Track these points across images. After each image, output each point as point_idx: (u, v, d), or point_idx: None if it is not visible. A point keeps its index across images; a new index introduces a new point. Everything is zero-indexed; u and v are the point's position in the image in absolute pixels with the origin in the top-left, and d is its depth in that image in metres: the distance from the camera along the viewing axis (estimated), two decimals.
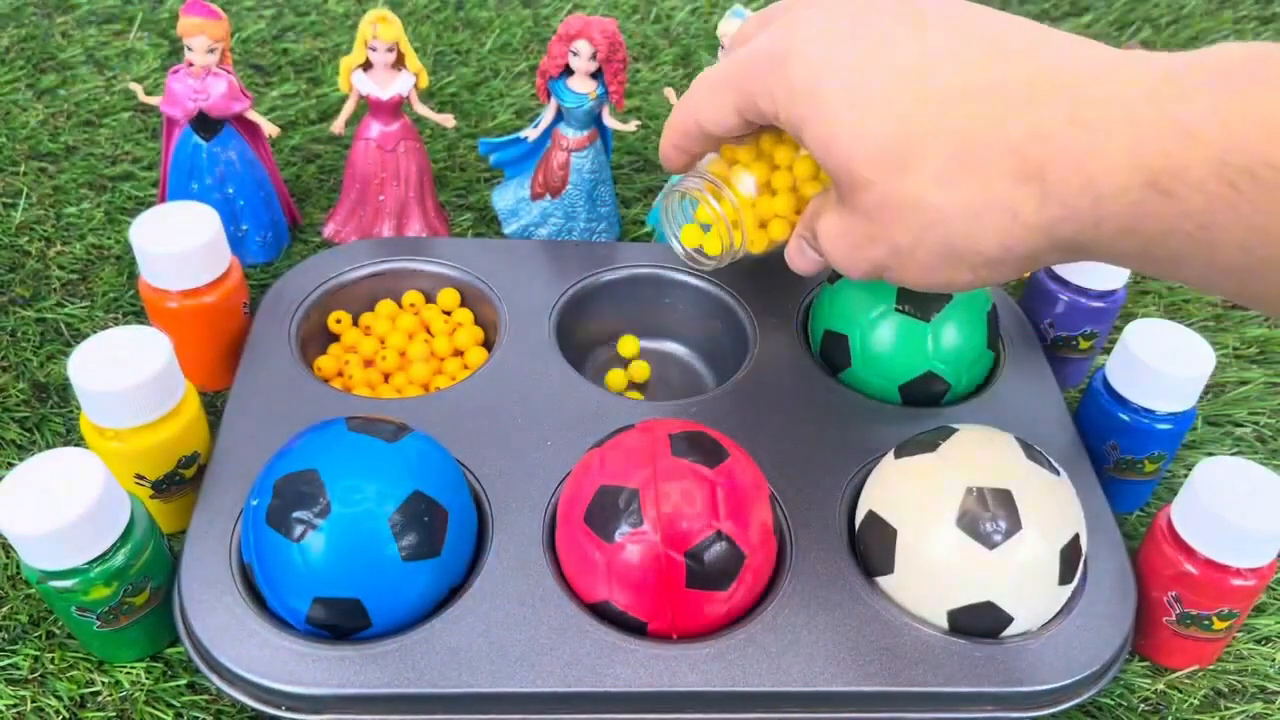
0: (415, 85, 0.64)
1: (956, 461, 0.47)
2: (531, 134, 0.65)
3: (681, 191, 0.49)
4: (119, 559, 0.44)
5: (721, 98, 0.40)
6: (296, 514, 0.43)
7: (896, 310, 0.56)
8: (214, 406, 0.59)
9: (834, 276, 0.60)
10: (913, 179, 0.34)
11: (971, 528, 0.45)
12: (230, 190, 0.65)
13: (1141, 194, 0.30)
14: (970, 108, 0.33)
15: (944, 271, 0.36)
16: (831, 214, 0.39)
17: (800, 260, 0.44)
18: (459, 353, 0.62)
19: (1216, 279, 0.32)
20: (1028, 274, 0.63)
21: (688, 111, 0.42)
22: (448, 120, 0.66)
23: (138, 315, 0.64)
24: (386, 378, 0.61)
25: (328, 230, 0.70)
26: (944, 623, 0.47)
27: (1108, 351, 0.65)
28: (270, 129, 0.65)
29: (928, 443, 0.49)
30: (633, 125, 0.66)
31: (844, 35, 0.36)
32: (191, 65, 0.62)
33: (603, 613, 0.46)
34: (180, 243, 0.54)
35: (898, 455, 0.50)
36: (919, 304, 0.56)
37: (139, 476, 0.50)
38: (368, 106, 0.65)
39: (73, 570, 0.43)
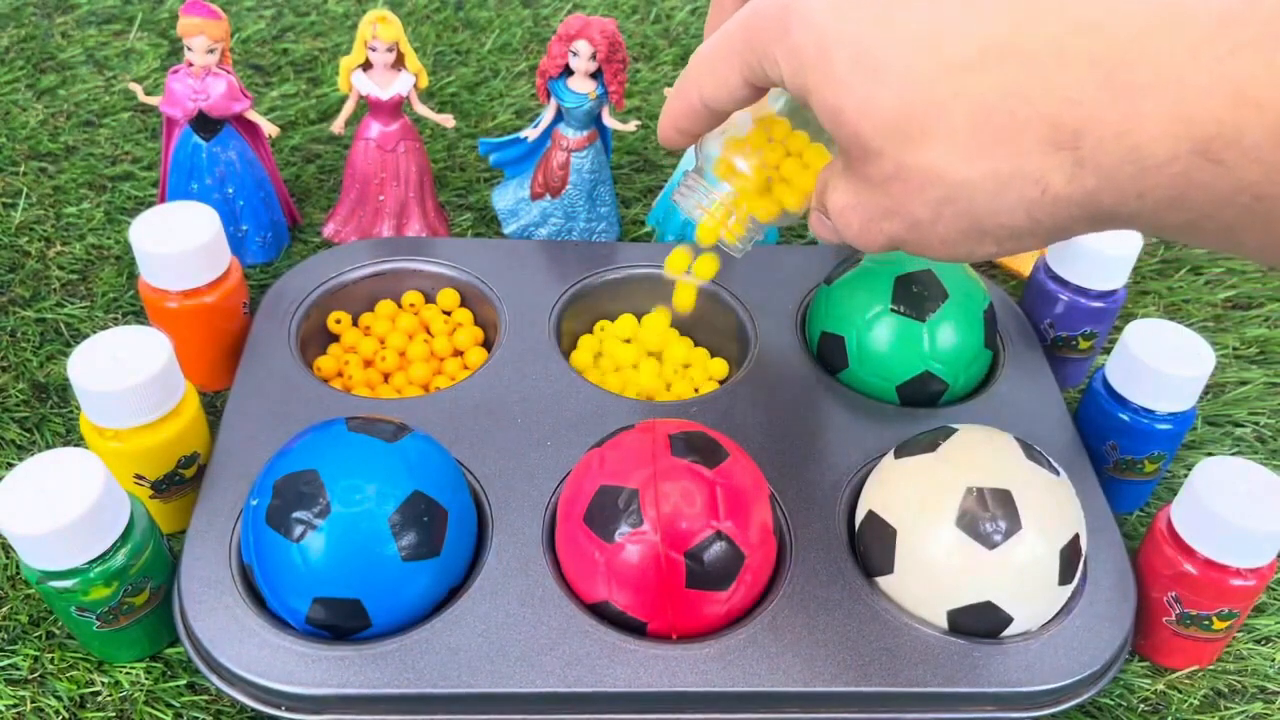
0: (415, 85, 0.64)
1: (956, 461, 0.47)
2: (531, 134, 0.65)
3: (687, 206, 0.47)
4: (119, 559, 0.44)
5: (727, 70, 0.37)
6: (296, 514, 0.43)
7: (892, 311, 0.56)
8: (214, 406, 0.59)
9: (831, 277, 0.60)
10: (930, 150, 0.32)
11: (971, 528, 0.45)
12: (230, 190, 0.65)
13: (1189, 163, 0.28)
14: (993, 71, 0.30)
15: (966, 244, 0.34)
16: (841, 185, 0.36)
17: (823, 230, 0.41)
18: (459, 353, 0.62)
19: (1273, 252, 0.29)
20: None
21: (690, 89, 0.39)
22: (448, 120, 0.66)
23: (138, 315, 0.64)
24: (386, 378, 0.61)
25: (328, 230, 0.70)
26: (944, 623, 0.47)
27: (1108, 351, 0.65)
28: (270, 129, 0.65)
29: (927, 443, 0.49)
30: (633, 125, 0.66)
31: None
32: (191, 65, 0.62)
33: (603, 613, 0.46)
34: (180, 243, 0.54)
35: (898, 455, 0.50)
36: (914, 304, 0.56)
37: (139, 476, 0.50)
38: (368, 106, 0.65)
39: (72, 570, 0.43)
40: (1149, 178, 0.29)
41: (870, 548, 0.49)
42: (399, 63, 0.64)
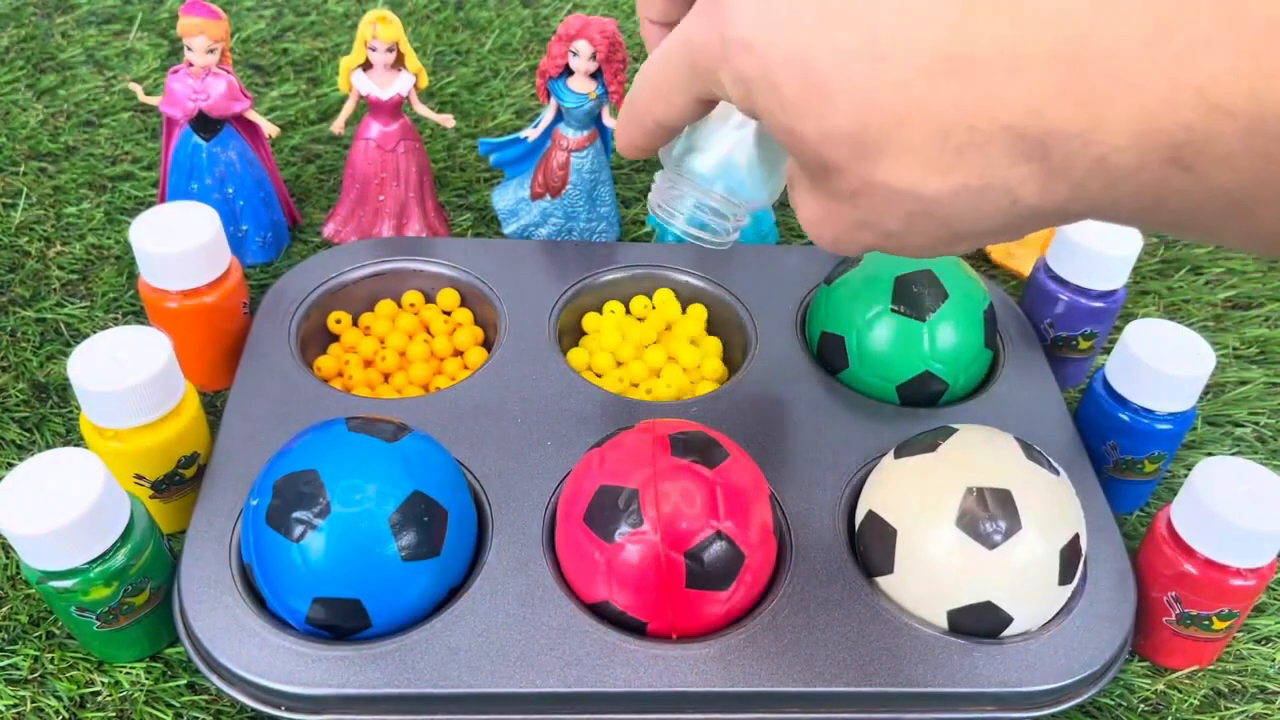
0: (415, 85, 0.64)
1: (956, 461, 0.47)
2: (531, 134, 0.65)
3: (663, 214, 0.47)
4: (119, 559, 0.44)
5: (675, 93, 0.36)
6: (296, 514, 0.43)
7: (892, 311, 0.56)
8: (214, 406, 0.59)
9: (831, 277, 0.60)
10: (892, 165, 0.31)
11: (971, 528, 0.45)
12: (230, 190, 0.65)
13: (1161, 171, 0.27)
14: (946, 83, 0.29)
15: (945, 247, 0.34)
16: (807, 200, 0.36)
17: None
18: (459, 353, 0.62)
19: (1258, 246, 0.29)
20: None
21: (642, 112, 0.39)
22: (448, 120, 0.66)
23: (138, 315, 0.64)
24: (386, 378, 0.61)
25: (328, 230, 0.70)
26: (944, 623, 0.47)
27: (1108, 351, 0.65)
28: (270, 129, 0.65)
29: (927, 443, 0.49)
30: None
31: (782, 5, 0.31)
32: (191, 65, 0.62)
33: (603, 613, 0.46)
34: (180, 243, 0.54)
35: (898, 455, 0.50)
36: (914, 304, 0.56)
37: (139, 476, 0.50)
38: (368, 106, 0.65)
39: (73, 570, 0.43)
40: (1121, 186, 0.28)
41: (870, 548, 0.49)
42: (399, 63, 0.64)
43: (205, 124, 0.63)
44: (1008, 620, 0.46)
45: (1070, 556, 0.46)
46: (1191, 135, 0.26)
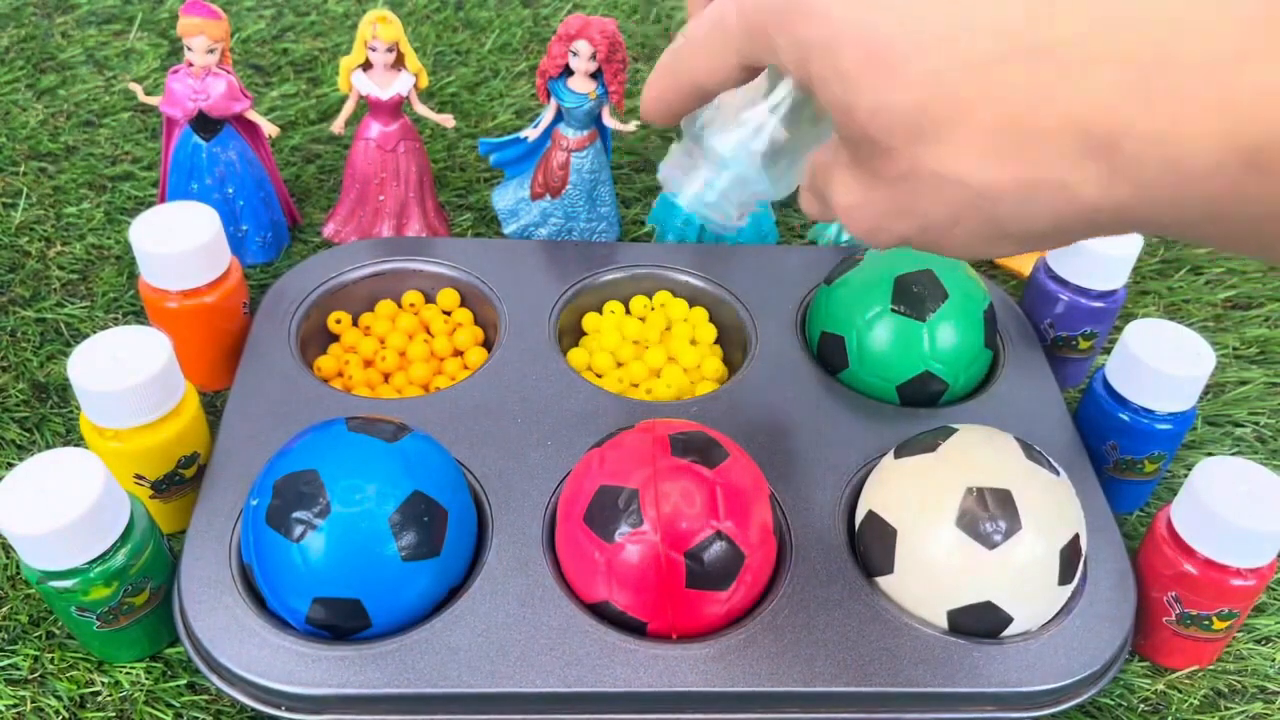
0: (415, 85, 0.64)
1: (956, 461, 0.47)
2: (531, 134, 0.65)
3: (673, 184, 0.46)
4: (119, 559, 0.44)
5: (723, 54, 0.35)
6: (296, 514, 0.43)
7: (892, 311, 0.56)
8: (214, 406, 0.59)
9: (831, 277, 0.60)
10: (948, 151, 0.30)
11: (971, 528, 0.45)
12: (230, 190, 0.65)
13: (1236, 175, 0.26)
14: (1017, 72, 0.29)
15: (985, 246, 0.33)
16: (848, 181, 0.35)
17: (814, 210, 0.39)
18: (459, 353, 0.62)
19: None
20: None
21: (682, 69, 0.37)
22: (448, 120, 0.66)
23: (138, 315, 0.64)
24: (386, 378, 0.61)
25: (328, 230, 0.70)
26: (944, 623, 0.47)
27: (1108, 351, 0.65)
28: (270, 129, 0.65)
29: (927, 443, 0.49)
30: (632, 126, 0.66)
31: None
32: (191, 65, 0.62)
33: (603, 613, 0.46)
34: (180, 243, 0.54)
35: (898, 455, 0.50)
36: (914, 304, 0.56)
37: (139, 476, 0.50)
38: (368, 106, 0.65)
39: (73, 570, 0.43)
40: (1190, 188, 0.27)
41: (870, 548, 0.49)
42: (399, 63, 0.64)
43: (205, 124, 0.63)
44: (1008, 620, 0.46)
45: (1070, 556, 0.46)
46: (1272, 136, 0.25)
